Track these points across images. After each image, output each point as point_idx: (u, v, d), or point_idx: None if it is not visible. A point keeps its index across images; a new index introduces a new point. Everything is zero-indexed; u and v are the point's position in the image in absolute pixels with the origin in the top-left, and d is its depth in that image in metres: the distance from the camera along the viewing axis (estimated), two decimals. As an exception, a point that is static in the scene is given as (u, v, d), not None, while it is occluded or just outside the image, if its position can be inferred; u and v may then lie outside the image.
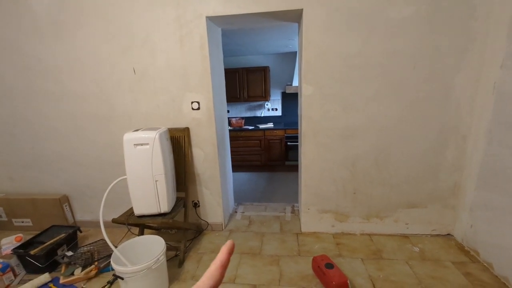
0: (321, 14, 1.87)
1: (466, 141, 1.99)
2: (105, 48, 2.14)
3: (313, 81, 2.01)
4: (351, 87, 1.98)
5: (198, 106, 2.18)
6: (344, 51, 1.92)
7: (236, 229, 2.50)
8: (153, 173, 1.82)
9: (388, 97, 1.97)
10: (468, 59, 1.84)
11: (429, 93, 1.94)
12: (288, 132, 4.52)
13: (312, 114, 2.09)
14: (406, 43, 1.86)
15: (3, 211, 2.60)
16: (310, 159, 2.20)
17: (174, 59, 2.10)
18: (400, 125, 2.03)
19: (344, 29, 1.87)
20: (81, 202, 2.62)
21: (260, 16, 2.02)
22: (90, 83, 2.24)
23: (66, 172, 2.53)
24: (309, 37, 1.93)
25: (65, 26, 2.12)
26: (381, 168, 2.14)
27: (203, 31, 2.01)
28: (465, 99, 1.91)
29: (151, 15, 2.02)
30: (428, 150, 2.05)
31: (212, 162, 2.32)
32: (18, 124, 2.44)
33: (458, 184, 2.09)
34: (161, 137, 1.84)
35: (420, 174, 2.11)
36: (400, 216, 2.22)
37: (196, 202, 2.45)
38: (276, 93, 5.03)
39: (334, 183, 2.22)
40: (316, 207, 2.31)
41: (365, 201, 2.23)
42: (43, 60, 2.22)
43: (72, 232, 2.24)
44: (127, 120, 2.29)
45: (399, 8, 1.80)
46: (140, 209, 1.87)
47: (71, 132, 2.39)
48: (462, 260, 1.92)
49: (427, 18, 1.80)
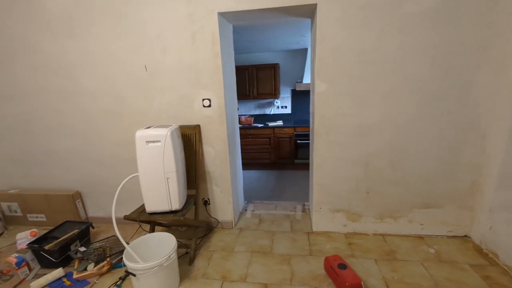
0: (336, 9, 1.82)
1: (485, 140, 1.91)
2: (117, 45, 2.14)
3: (327, 78, 1.97)
4: (365, 83, 1.93)
5: (209, 103, 2.17)
6: (359, 47, 1.87)
7: (246, 227, 2.49)
8: (164, 170, 1.82)
9: (404, 93, 1.91)
10: (488, 54, 1.76)
11: (447, 90, 1.87)
12: (298, 130, 4.48)
13: (325, 111, 2.05)
14: (423, 38, 1.79)
15: (18, 207, 2.66)
16: (323, 157, 2.16)
17: (185, 56, 2.08)
18: (416, 122, 1.97)
19: (359, 24, 1.82)
20: (93, 199, 2.66)
21: (273, 12, 1.99)
22: (103, 80, 2.25)
23: (79, 169, 2.56)
24: (323, 33, 1.88)
25: (78, 24, 2.14)
26: (396, 167, 2.08)
27: (215, 28, 1.99)
28: (485, 97, 1.84)
29: (163, 11, 2.01)
30: (445, 148, 1.99)
31: (223, 159, 2.31)
32: (32, 121, 2.48)
33: (477, 184, 2.01)
34: (173, 135, 1.84)
35: (437, 173, 2.05)
36: (415, 216, 2.17)
37: (206, 200, 2.44)
38: (285, 90, 4.98)
39: (346, 182, 2.18)
40: (328, 206, 2.27)
41: (378, 200, 2.18)
42: (56, 57, 2.25)
43: (85, 228, 2.26)
44: (138, 117, 2.30)
45: (416, 2, 1.73)
46: (152, 206, 1.87)
47: (84, 129, 2.42)
48: (481, 263, 1.86)
49: (446, 12, 1.73)
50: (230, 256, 2.07)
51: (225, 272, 1.89)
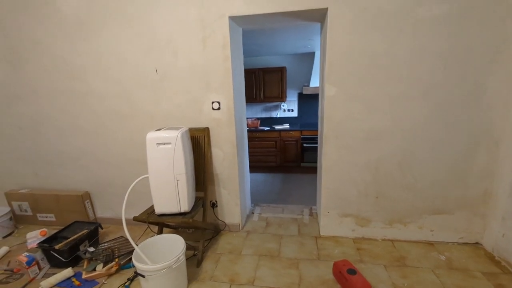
0: (348, 13, 1.82)
1: (499, 146, 1.89)
2: (129, 48, 2.17)
3: (337, 82, 1.97)
4: (376, 87, 1.92)
5: (218, 106, 2.18)
6: (370, 51, 1.87)
7: (253, 230, 2.48)
8: (174, 172, 1.83)
9: (415, 98, 1.90)
10: (502, 60, 1.74)
11: (459, 95, 1.85)
12: (304, 134, 4.47)
13: (335, 115, 2.04)
14: (436, 43, 1.78)
15: (29, 206, 2.69)
16: (331, 161, 2.15)
17: (196, 59, 2.10)
18: (427, 127, 1.95)
19: (370, 29, 1.82)
20: (102, 199, 2.68)
21: (283, 16, 2.00)
22: (114, 82, 2.28)
23: (88, 169, 2.59)
24: (334, 37, 1.89)
25: (91, 27, 2.17)
26: (406, 172, 2.06)
27: (225, 31, 2.01)
28: (498, 103, 1.82)
29: (175, 15, 2.04)
30: (456, 154, 1.96)
31: (231, 162, 2.31)
32: (44, 122, 2.52)
33: (489, 191, 1.98)
34: (183, 137, 1.85)
35: (448, 179, 2.02)
36: (425, 222, 2.14)
37: (214, 202, 2.45)
38: (292, 94, 4.99)
39: (355, 186, 2.17)
40: (336, 211, 2.26)
41: (388, 205, 2.16)
42: (69, 60, 2.29)
43: (94, 229, 2.28)
44: (148, 119, 2.32)
45: (429, 7, 1.73)
46: (161, 208, 1.88)
47: (94, 130, 2.45)
48: (493, 271, 1.82)
49: (460, 17, 1.72)
50: (237, 259, 2.07)
51: (233, 275, 1.88)
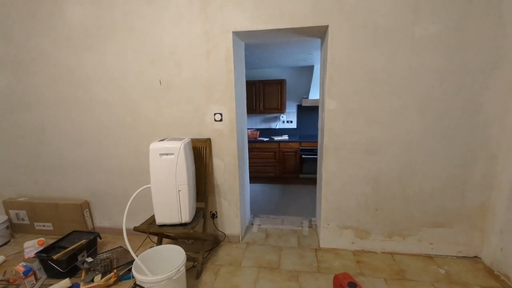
0: (347, 30, 1.89)
1: (495, 160, 1.93)
2: (134, 59, 2.22)
3: (337, 96, 2.02)
4: (375, 102, 1.98)
5: (220, 118, 2.22)
6: (369, 66, 1.93)
7: (253, 241, 2.48)
8: (176, 183, 1.84)
9: (413, 112, 1.95)
10: (497, 77, 1.81)
11: (456, 110, 1.91)
12: (303, 145, 4.51)
13: (335, 128, 2.08)
14: (432, 59, 1.85)
15: (26, 215, 2.67)
16: (331, 173, 2.17)
17: (199, 71, 2.15)
18: (425, 141, 1.99)
19: (369, 45, 1.89)
20: (101, 208, 2.67)
21: (285, 32, 2.07)
22: (117, 92, 2.32)
23: (88, 178, 2.59)
24: (334, 53, 1.95)
25: (97, 38, 2.23)
26: (405, 185, 2.09)
27: (229, 45, 2.07)
28: (494, 118, 1.87)
29: (180, 29, 2.10)
30: (454, 168, 2.00)
31: (232, 173, 2.33)
32: (46, 130, 2.53)
33: (487, 205, 2.01)
34: (186, 148, 1.87)
35: (446, 192, 2.05)
36: (424, 235, 2.15)
37: (214, 213, 2.45)
38: (291, 105, 5.05)
39: (355, 198, 2.19)
40: (336, 223, 2.27)
41: (387, 218, 2.18)
42: (74, 70, 2.33)
43: (92, 238, 2.26)
44: (150, 129, 2.35)
45: (425, 26, 1.80)
46: (162, 218, 1.88)
47: (96, 138, 2.46)
48: (492, 285, 1.83)
49: (455, 36, 1.79)
50: (237, 271, 2.05)
51: (232, 287, 1.87)
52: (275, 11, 1.95)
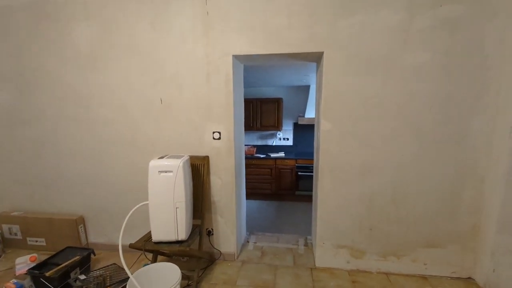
0: (341, 58, 2.00)
1: (484, 183, 2.00)
2: (137, 79, 2.30)
3: (332, 118, 2.10)
4: (369, 124, 2.06)
5: (219, 136, 2.28)
6: (362, 91, 2.03)
7: (249, 260, 2.47)
8: (174, 200, 1.86)
9: (405, 136, 2.04)
10: (483, 104, 1.91)
11: (445, 134, 1.99)
12: (299, 162, 4.57)
13: (330, 149, 2.15)
14: (421, 86, 1.95)
15: (19, 229, 2.64)
16: (326, 193, 2.22)
17: (200, 92, 2.23)
18: (416, 163, 2.06)
19: (362, 72, 2.00)
20: (96, 224, 2.65)
21: (283, 56, 2.18)
22: (119, 110, 2.37)
23: (85, 193, 2.59)
24: (329, 78, 2.05)
25: (102, 59, 2.31)
26: (398, 205, 2.14)
27: (228, 68, 2.17)
28: (481, 142, 1.96)
29: (182, 51, 2.19)
30: (445, 189, 2.06)
31: (229, 190, 2.36)
32: (45, 145, 2.55)
33: (477, 226, 2.06)
34: (185, 165, 1.91)
35: (438, 213, 2.10)
36: (418, 255, 2.17)
37: (210, 230, 2.45)
38: (288, 123, 5.16)
39: (350, 218, 2.22)
40: (331, 242, 2.29)
41: (381, 238, 2.20)
42: (78, 88, 2.39)
43: (86, 255, 2.24)
44: (149, 146, 2.39)
45: (414, 55, 1.92)
46: (159, 235, 1.89)
47: (95, 155, 2.49)
48: (486, 308, 1.84)
49: (442, 65, 1.91)
50: (232, 290, 2.04)
51: (227, 307, 1.86)
52: (274, 37, 2.06)
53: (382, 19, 1.92)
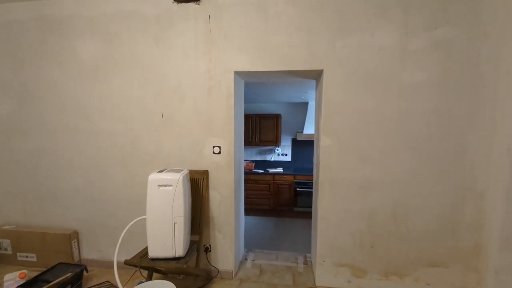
0: (340, 75, 2.05)
1: (484, 200, 2.00)
2: (138, 92, 2.32)
3: (331, 134, 2.12)
4: (368, 140, 2.08)
5: (219, 151, 2.28)
6: (361, 108, 2.06)
7: (247, 278, 2.39)
8: (172, 215, 1.83)
9: (404, 152, 2.05)
10: (480, 121, 1.95)
11: (443, 151, 2.01)
12: (298, 178, 4.55)
13: (329, 164, 2.15)
14: (419, 104, 2.00)
15: (10, 244, 2.55)
16: (326, 209, 2.20)
17: (201, 106, 2.26)
18: (416, 179, 2.07)
19: (361, 89, 2.04)
20: (90, 239, 2.58)
21: (283, 73, 2.23)
22: (120, 122, 2.38)
23: (80, 207, 2.54)
24: (328, 94, 2.09)
25: (105, 72, 2.34)
26: (399, 222, 2.12)
27: (230, 84, 2.21)
28: (480, 158, 1.98)
29: (184, 67, 2.24)
30: (445, 206, 2.05)
31: (228, 205, 2.33)
32: (43, 157, 2.53)
33: (479, 244, 2.03)
34: (184, 180, 1.90)
35: (439, 231, 2.08)
36: (421, 275, 2.13)
37: (207, 247, 2.39)
38: (286, 139, 5.19)
39: (350, 235, 2.19)
40: (331, 260, 2.24)
41: (383, 256, 2.16)
42: (79, 100, 2.41)
43: (78, 272, 2.16)
44: (149, 160, 2.38)
45: (411, 73, 1.98)
46: (156, 251, 1.84)
47: (93, 167, 2.46)
48: (492, 331, 1.79)
49: (439, 83, 1.96)
50: (230, 311, 1.96)
51: (224, 329, 1.78)
52: (274, 55, 2.12)
53: (378, 39, 1.99)
